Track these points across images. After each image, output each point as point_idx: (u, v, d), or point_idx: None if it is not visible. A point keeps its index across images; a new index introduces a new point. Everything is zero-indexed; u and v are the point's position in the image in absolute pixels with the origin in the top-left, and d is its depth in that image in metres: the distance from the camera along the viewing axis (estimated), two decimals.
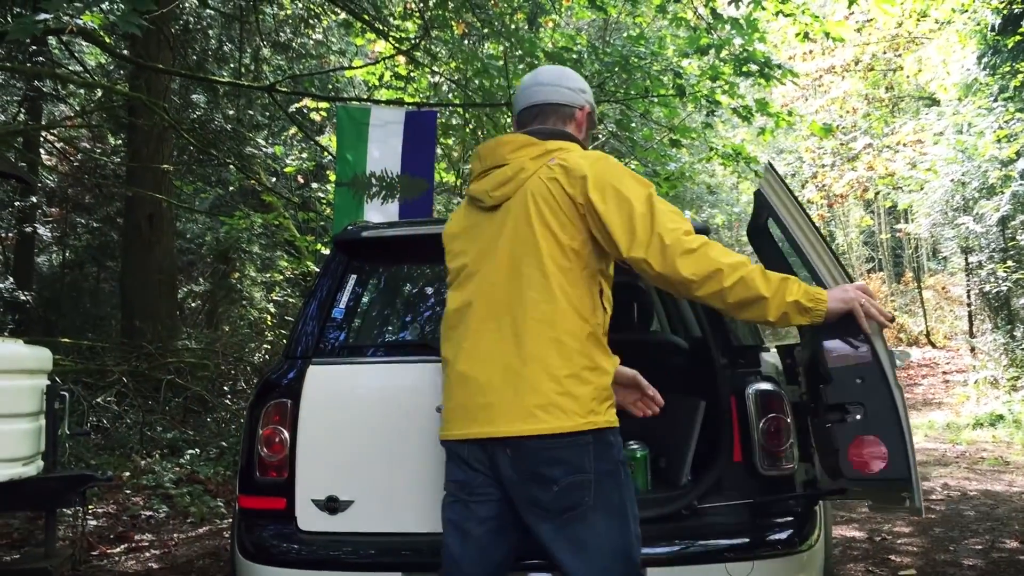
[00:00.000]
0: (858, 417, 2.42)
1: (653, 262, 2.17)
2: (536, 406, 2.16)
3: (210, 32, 11.49)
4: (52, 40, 10.09)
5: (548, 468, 2.16)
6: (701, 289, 2.17)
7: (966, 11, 12.81)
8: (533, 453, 2.17)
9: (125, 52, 9.73)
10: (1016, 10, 12.11)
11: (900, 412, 2.40)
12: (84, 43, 10.85)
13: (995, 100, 12.81)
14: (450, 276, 2.46)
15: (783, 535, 2.79)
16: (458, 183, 12.29)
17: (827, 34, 8.92)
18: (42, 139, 11.75)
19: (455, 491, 2.32)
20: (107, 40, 9.09)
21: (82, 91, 11.67)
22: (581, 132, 2.48)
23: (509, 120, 8.62)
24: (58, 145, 12.35)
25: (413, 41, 8.91)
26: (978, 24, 12.94)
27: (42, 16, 4.47)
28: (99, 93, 11.28)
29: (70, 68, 10.68)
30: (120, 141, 12.56)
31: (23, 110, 11.41)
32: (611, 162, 2.31)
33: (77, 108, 11.97)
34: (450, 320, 2.39)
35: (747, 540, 2.79)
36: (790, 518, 2.83)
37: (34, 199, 11.54)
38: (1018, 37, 12.03)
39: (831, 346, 2.47)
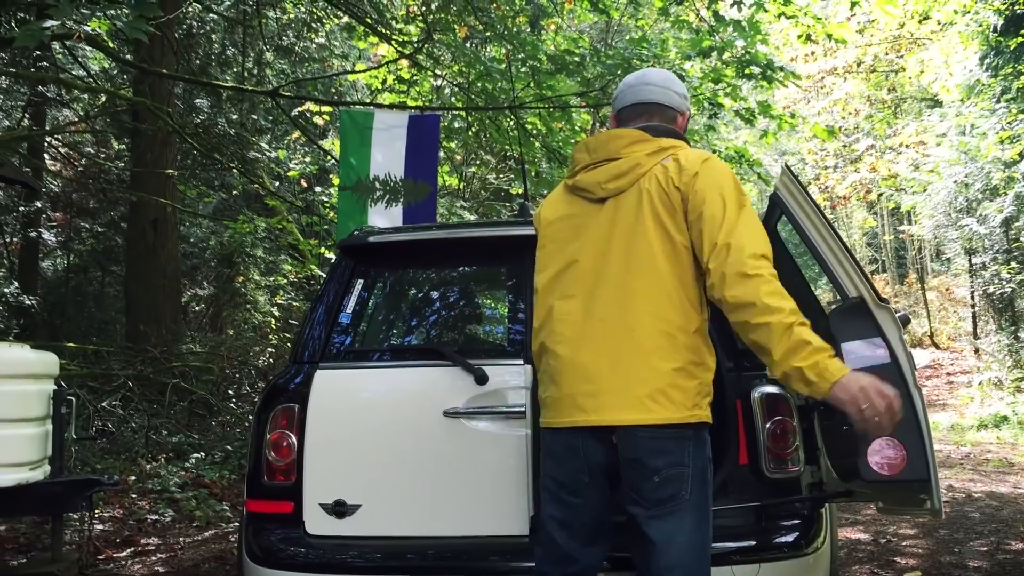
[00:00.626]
0: (876, 419, 2.42)
1: (715, 276, 2.20)
2: (647, 396, 2.23)
3: (213, 36, 11.53)
4: (56, 45, 10.12)
5: (652, 458, 2.24)
6: (732, 314, 2.20)
7: (968, 12, 12.82)
8: (639, 442, 2.24)
9: (129, 57, 9.75)
10: (1018, 11, 12.12)
11: (919, 413, 2.40)
12: (87, 48, 10.87)
13: (998, 101, 12.83)
14: (544, 262, 2.51)
15: (789, 538, 2.80)
16: (461, 186, 12.32)
17: (829, 36, 8.94)
18: (46, 144, 11.78)
19: (556, 489, 2.39)
20: (111, 45, 9.12)
21: (86, 96, 11.70)
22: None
23: (512, 123, 8.63)
24: (62, 150, 12.39)
25: (416, 45, 8.93)
26: (980, 25, 12.95)
27: (48, 23, 4.48)
28: (103, 98, 11.32)
29: (74, 73, 10.71)
30: (124, 146, 12.59)
31: (27, 115, 11.44)
32: (720, 165, 2.37)
33: (81, 113, 12.00)
34: (552, 310, 2.42)
35: (753, 543, 2.79)
36: (796, 521, 2.83)
37: (39, 204, 11.58)
38: (1020, 38, 12.03)
39: (849, 347, 2.47)
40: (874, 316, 2.51)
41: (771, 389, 2.88)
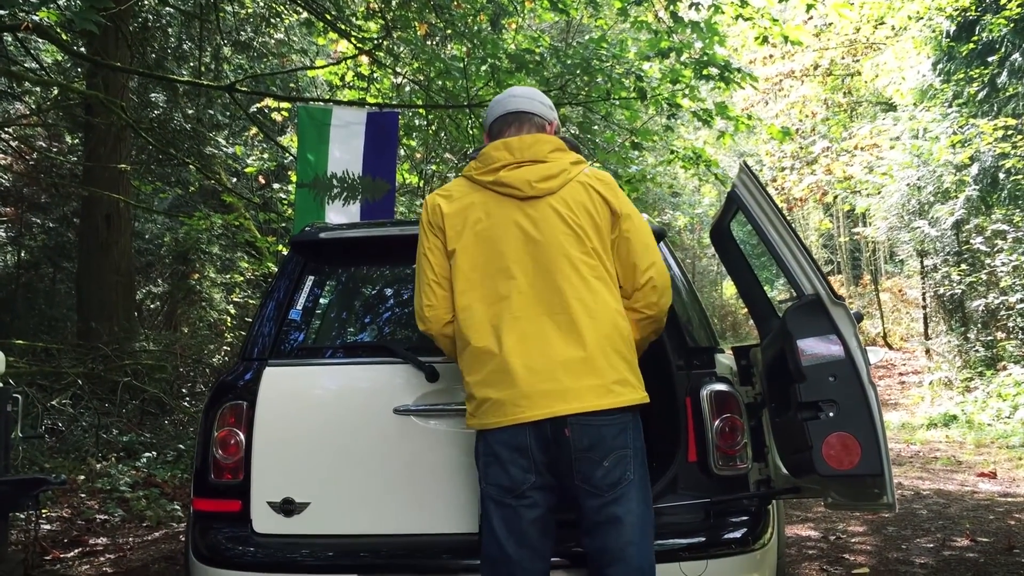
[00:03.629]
0: (831, 414, 2.46)
1: (648, 289, 2.57)
2: (615, 382, 2.41)
3: (169, 30, 11.36)
4: (7, 36, 9.92)
5: (601, 446, 2.39)
6: (651, 320, 2.63)
7: (922, 18, 13.05)
8: (593, 430, 2.38)
9: (82, 50, 9.59)
10: (970, 18, 12.36)
11: (873, 409, 2.44)
12: (40, 40, 10.66)
13: (950, 106, 13.07)
14: (466, 258, 2.54)
15: (737, 534, 2.82)
16: (421, 184, 12.27)
17: (786, 38, 9.02)
18: None
19: (500, 495, 2.43)
20: (64, 37, 8.95)
21: (38, 89, 11.47)
22: None
23: (471, 122, 8.62)
24: (13, 144, 12.13)
25: (375, 41, 8.88)
26: (933, 31, 13.18)
27: None
28: (55, 91, 11.11)
29: (26, 65, 10.50)
30: (77, 140, 12.38)
31: None
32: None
33: (33, 106, 11.77)
34: (490, 308, 2.47)
35: (701, 539, 2.81)
36: (744, 517, 2.86)
37: None
38: (972, 45, 12.28)
39: (805, 343, 2.51)
40: (829, 313, 2.55)
41: (720, 387, 2.91)
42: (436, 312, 2.59)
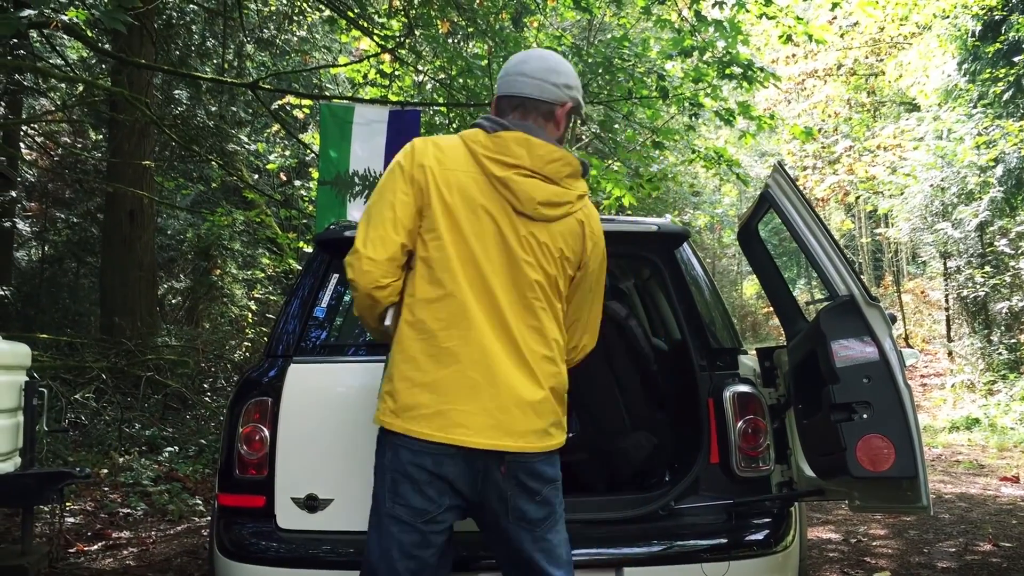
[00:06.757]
0: (865, 416, 2.44)
1: (579, 350, 2.51)
2: (551, 425, 2.28)
3: (193, 28, 11.43)
4: (33, 33, 10.02)
5: (534, 480, 2.26)
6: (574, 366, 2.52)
7: (947, 16, 12.94)
8: (527, 466, 2.24)
9: (107, 47, 9.66)
10: (996, 17, 12.24)
11: (908, 411, 2.42)
12: (65, 37, 10.76)
13: (975, 106, 12.94)
14: (449, 238, 2.23)
15: (759, 536, 2.82)
16: None
17: (810, 36, 8.97)
18: (22, 133, 11.66)
19: (409, 517, 2.20)
20: (89, 35, 9.03)
21: (63, 85, 11.58)
22: (559, 130, 2.38)
23: None
24: (38, 139, 12.26)
25: (398, 39, 8.90)
26: (959, 30, 13.07)
27: (26, 12, 4.44)
28: (80, 88, 11.21)
29: (51, 62, 10.60)
30: (101, 136, 12.49)
31: (3, 104, 11.31)
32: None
33: (58, 102, 11.88)
34: (467, 308, 2.21)
35: (723, 541, 2.82)
36: (766, 519, 2.86)
37: (13, 194, 11.44)
38: (998, 44, 12.16)
39: (838, 345, 2.49)
40: (864, 314, 2.53)
41: (743, 388, 2.90)
42: (372, 272, 2.20)
